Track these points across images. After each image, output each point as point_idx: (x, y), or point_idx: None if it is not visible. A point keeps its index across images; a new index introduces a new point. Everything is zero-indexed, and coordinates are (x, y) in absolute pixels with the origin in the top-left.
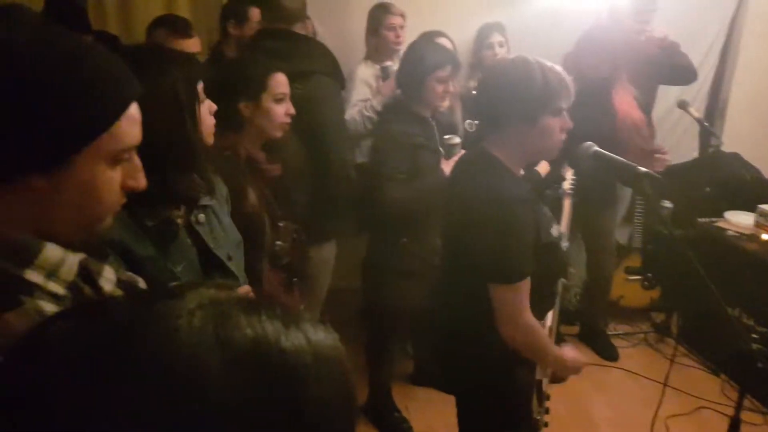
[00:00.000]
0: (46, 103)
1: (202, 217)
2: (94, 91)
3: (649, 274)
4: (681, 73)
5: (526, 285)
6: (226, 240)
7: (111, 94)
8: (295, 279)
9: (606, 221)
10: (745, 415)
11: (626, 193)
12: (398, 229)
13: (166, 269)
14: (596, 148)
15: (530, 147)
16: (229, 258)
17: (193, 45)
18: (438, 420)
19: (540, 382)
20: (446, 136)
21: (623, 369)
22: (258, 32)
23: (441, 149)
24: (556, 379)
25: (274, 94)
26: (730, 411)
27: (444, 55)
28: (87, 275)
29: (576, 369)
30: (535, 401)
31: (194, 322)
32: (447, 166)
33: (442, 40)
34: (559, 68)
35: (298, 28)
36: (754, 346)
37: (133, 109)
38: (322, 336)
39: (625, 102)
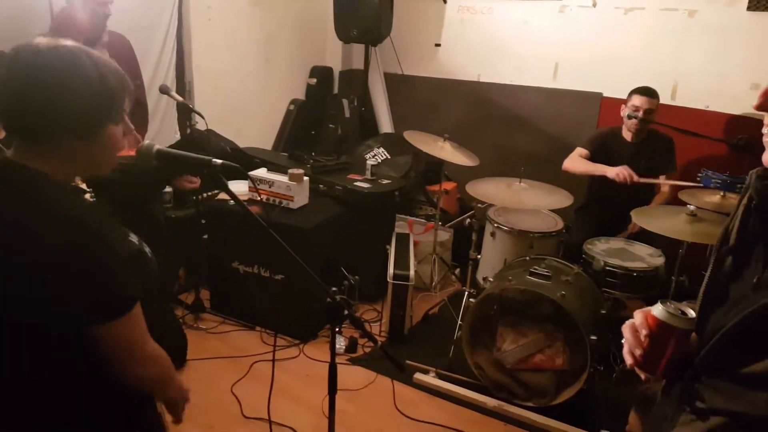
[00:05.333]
0: None
1: None
2: None
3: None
4: None
5: (139, 308)
6: None
7: None
8: None
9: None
10: (287, 353)
11: None
12: None
13: None
14: (159, 146)
15: (88, 162)
16: None
17: None
18: None
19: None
20: None
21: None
22: None
23: None
24: (173, 405)
25: None
26: (272, 356)
27: None
28: None
29: (187, 393)
30: None
31: None
32: None
33: None
34: (113, 62)
35: None
36: (338, 297)
37: None
38: None
39: None
